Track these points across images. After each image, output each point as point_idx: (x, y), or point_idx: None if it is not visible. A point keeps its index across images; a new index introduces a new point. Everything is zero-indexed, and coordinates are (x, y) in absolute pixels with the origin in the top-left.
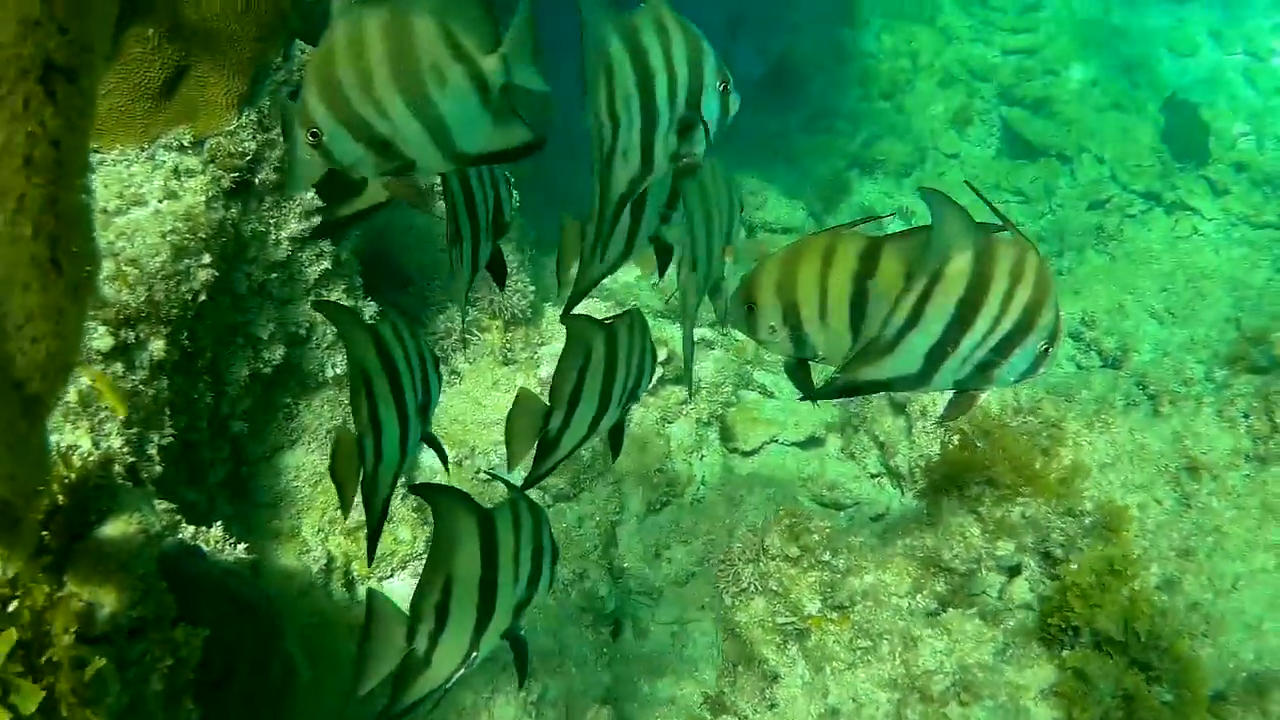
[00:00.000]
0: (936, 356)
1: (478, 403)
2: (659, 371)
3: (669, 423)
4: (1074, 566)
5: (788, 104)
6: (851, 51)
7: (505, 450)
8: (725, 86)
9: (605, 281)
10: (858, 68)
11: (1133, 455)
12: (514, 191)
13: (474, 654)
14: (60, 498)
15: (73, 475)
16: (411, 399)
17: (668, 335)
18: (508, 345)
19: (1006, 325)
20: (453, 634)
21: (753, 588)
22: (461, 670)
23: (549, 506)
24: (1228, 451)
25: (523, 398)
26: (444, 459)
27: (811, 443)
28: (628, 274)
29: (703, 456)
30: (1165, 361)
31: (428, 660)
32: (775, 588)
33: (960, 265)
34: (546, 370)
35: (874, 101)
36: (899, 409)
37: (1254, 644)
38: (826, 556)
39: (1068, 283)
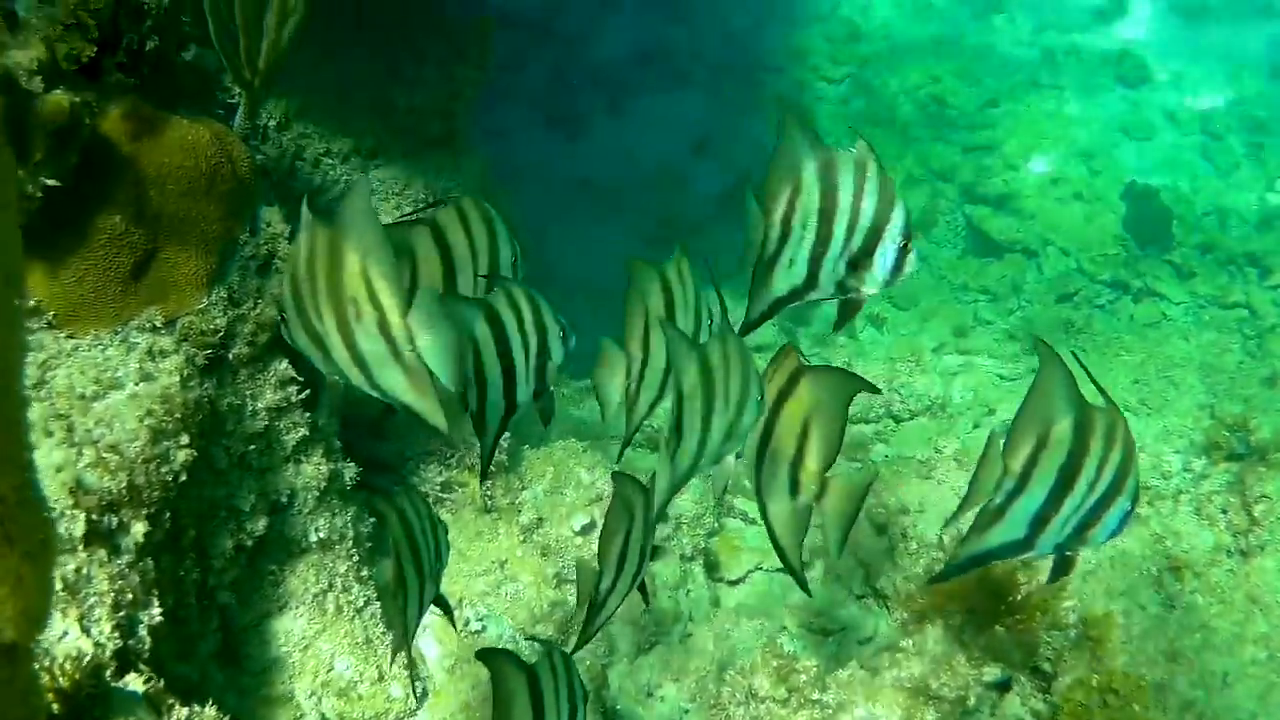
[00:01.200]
0: (1040, 521)
1: (461, 554)
2: None
3: (652, 561)
4: (1066, 680)
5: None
6: None
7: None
8: (907, 245)
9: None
10: None
11: (1114, 561)
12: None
13: None
14: (55, 707)
15: (66, 684)
16: (428, 562)
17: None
18: (488, 493)
19: (1101, 489)
20: None
21: None
22: None
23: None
24: (1209, 549)
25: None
26: (449, 615)
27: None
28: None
29: (688, 592)
30: (1141, 456)
31: None
32: None
33: (1063, 431)
34: (528, 516)
35: None
36: (880, 530)
37: None
38: (816, 694)
39: None
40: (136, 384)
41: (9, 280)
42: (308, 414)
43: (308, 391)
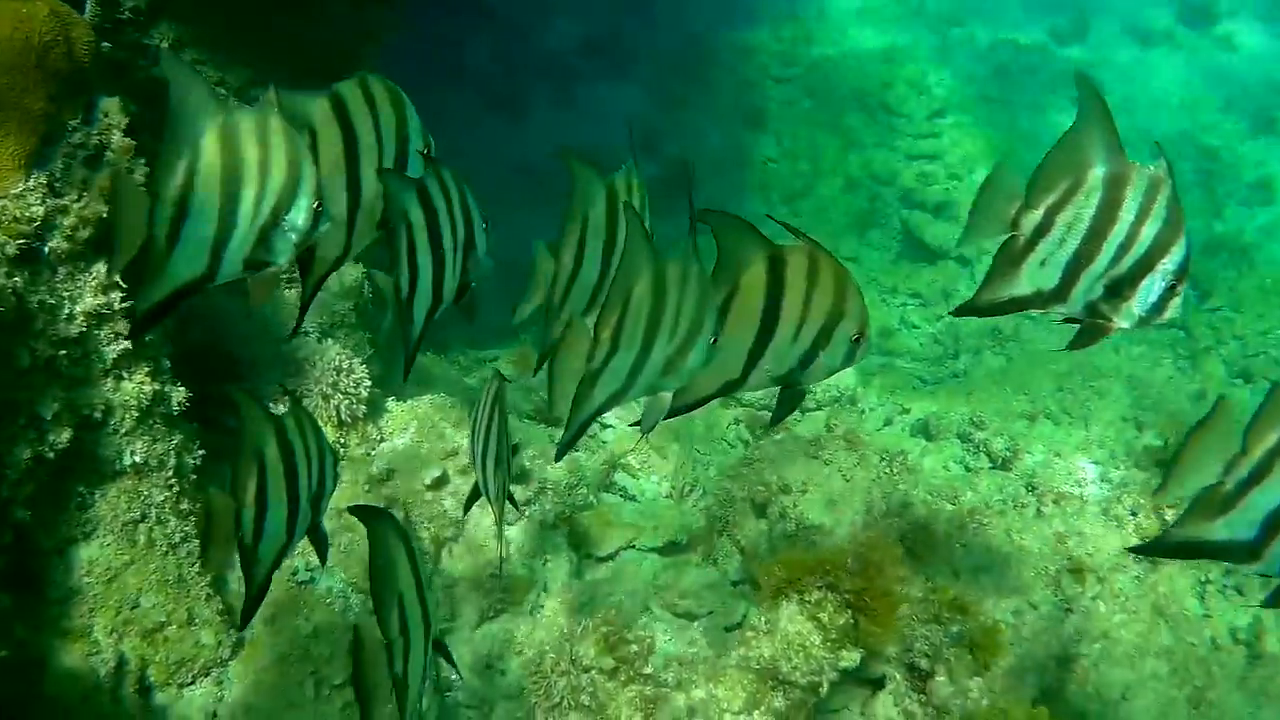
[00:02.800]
0: (1276, 526)
1: None
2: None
3: (508, 524)
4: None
5: (682, 208)
6: (753, 156)
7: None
8: (1179, 284)
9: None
10: (758, 172)
11: (1009, 558)
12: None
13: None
14: None
15: None
16: (305, 487)
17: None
18: (341, 441)
19: None
20: (414, 651)
21: (566, 703)
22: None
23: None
24: (1115, 552)
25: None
26: (323, 555)
27: (672, 548)
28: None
29: (546, 562)
30: (1057, 462)
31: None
32: (589, 703)
33: None
34: (379, 467)
35: (773, 206)
36: (760, 511)
37: None
38: (648, 669)
39: (962, 385)
40: None
41: None
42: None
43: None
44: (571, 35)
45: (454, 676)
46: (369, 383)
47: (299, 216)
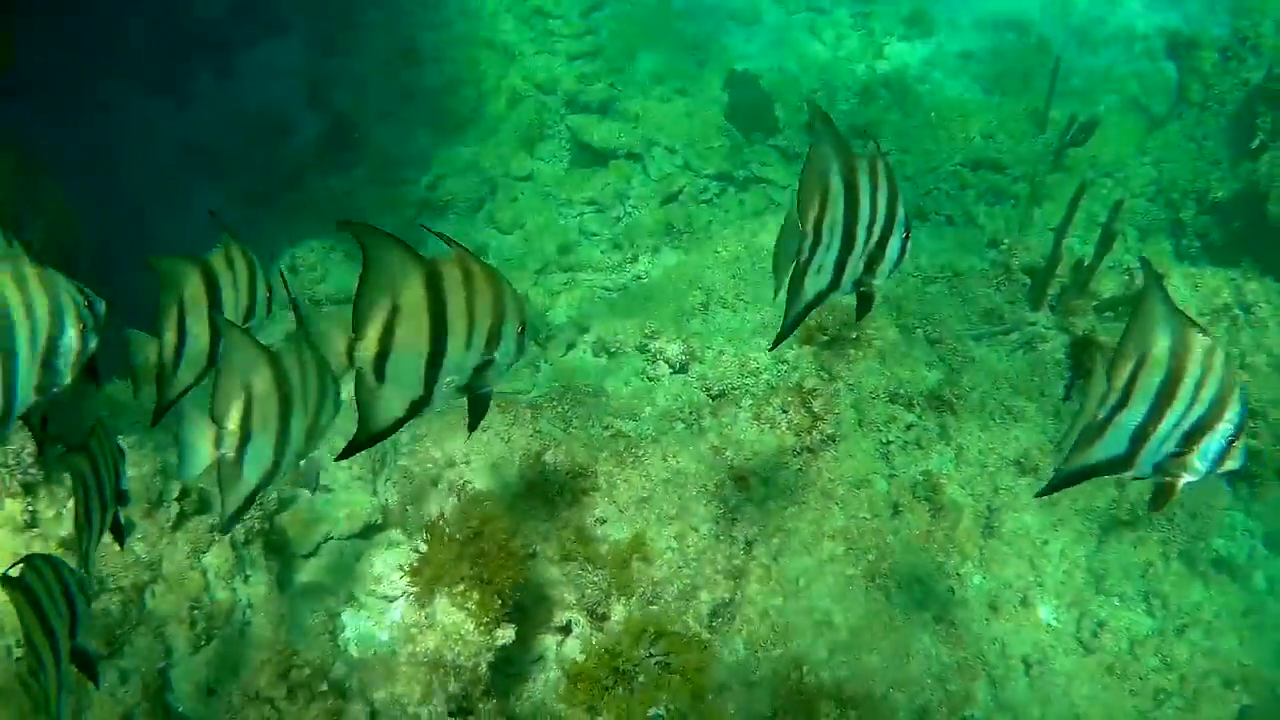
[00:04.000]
0: (1140, 436)
1: None
2: (175, 508)
3: (201, 553)
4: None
5: (352, 160)
6: (416, 91)
7: None
8: (907, 235)
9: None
10: (424, 107)
11: (668, 483)
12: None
13: None
14: None
15: None
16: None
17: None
18: (31, 507)
19: (1199, 410)
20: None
21: None
22: None
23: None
24: (773, 452)
25: None
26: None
27: (370, 530)
28: None
29: (247, 578)
30: (726, 357)
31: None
32: None
33: (1161, 348)
34: (70, 527)
35: (446, 134)
36: (435, 484)
37: (826, 640)
38: (324, 685)
39: (642, 288)
40: None
41: None
42: None
43: None
44: (217, 2)
45: (180, 708)
46: (32, 447)
47: None
